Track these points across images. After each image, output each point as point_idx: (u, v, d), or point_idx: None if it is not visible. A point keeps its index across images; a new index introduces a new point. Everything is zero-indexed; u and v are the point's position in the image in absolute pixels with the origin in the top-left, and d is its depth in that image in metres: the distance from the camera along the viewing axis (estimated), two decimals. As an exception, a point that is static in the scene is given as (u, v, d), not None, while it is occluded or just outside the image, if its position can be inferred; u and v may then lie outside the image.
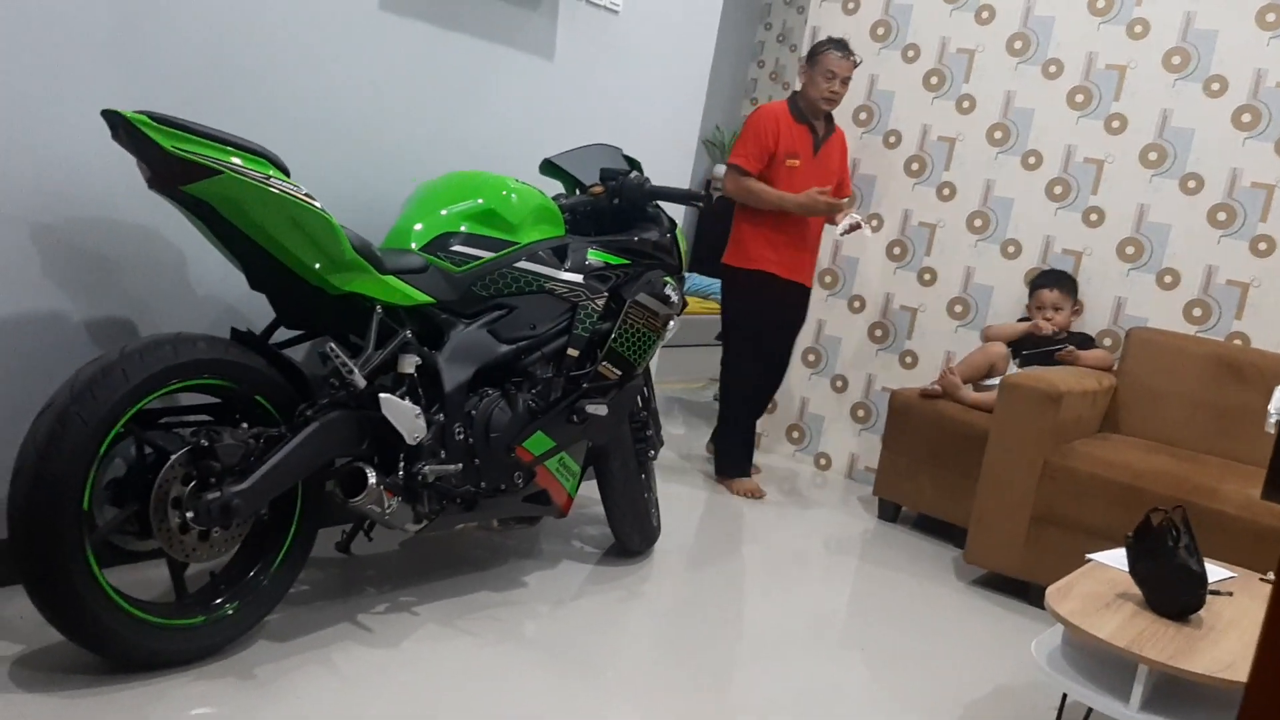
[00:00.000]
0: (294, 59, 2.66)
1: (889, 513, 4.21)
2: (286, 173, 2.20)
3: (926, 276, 4.48)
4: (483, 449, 2.60)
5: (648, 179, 3.03)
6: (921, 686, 2.76)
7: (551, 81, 3.34)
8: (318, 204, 2.20)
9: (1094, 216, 4.14)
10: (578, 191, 3.12)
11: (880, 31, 4.58)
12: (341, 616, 2.54)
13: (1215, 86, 3.89)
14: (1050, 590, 2.38)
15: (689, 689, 2.52)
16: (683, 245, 3.13)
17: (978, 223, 4.38)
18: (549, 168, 3.12)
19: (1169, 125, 3.98)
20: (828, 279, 4.73)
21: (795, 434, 4.87)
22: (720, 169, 4.39)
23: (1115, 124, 4.09)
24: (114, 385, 2.00)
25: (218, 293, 2.63)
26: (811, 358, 4.79)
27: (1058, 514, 3.43)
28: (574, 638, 2.66)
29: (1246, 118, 3.84)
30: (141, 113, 2.02)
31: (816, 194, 3.98)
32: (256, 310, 2.55)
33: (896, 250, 4.55)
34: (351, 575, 2.79)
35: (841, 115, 4.47)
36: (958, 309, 4.43)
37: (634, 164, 3.12)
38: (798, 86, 4.16)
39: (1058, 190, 4.21)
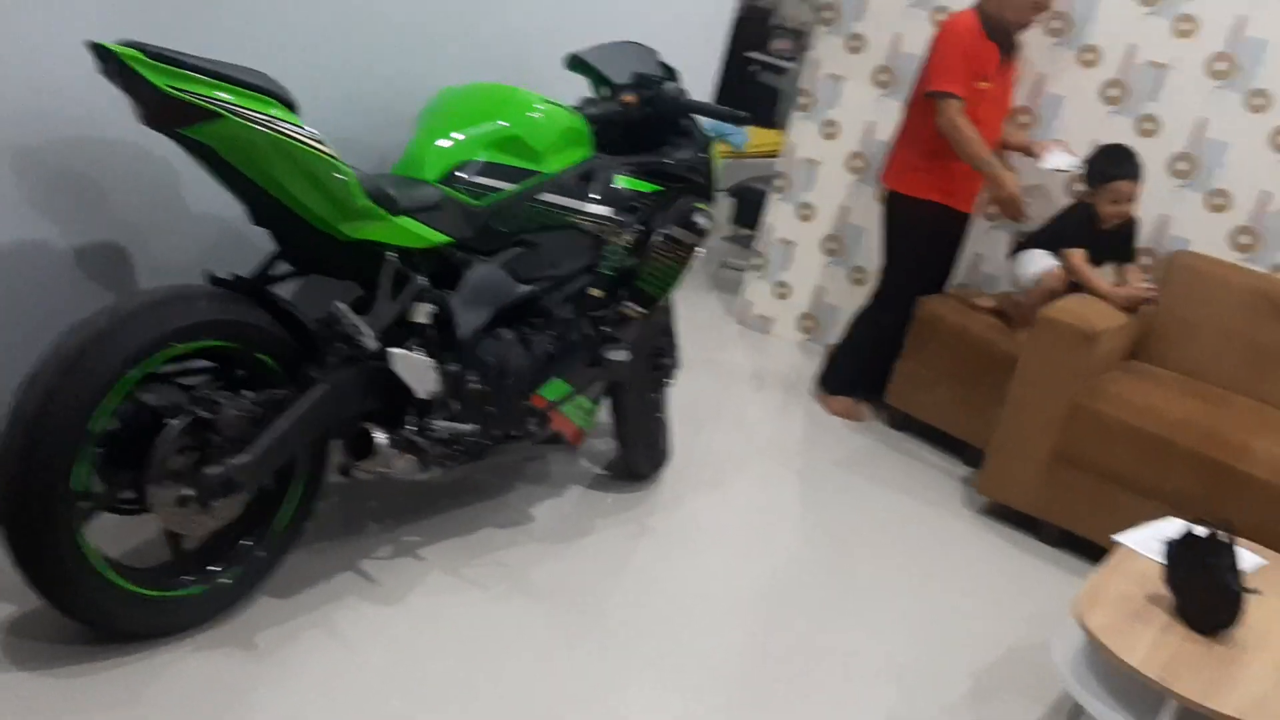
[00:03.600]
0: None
1: (899, 421, 4.11)
2: (294, 108, 1.96)
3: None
4: (496, 396, 2.45)
5: (684, 90, 2.77)
6: (929, 648, 2.72)
7: (582, -38, 3.01)
8: (327, 148, 1.97)
9: (1148, 125, 3.87)
10: (606, 91, 2.85)
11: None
12: (343, 564, 2.45)
13: None
14: (1078, 598, 2.29)
15: (696, 648, 2.47)
16: (717, 164, 2.89)
17: (1022, 117, 4.10)
18: (576, 64, 2.84)
19: (1243, 33, 3.67)
20: (858, 162, 4.47)
21: (807, 323, 4.71)
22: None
23: (1184, 26, 3.76)
24: (105, 355, 1.83)
25: (214, 211, 2.41)
26: (833, 246, 4.59)
27: (1080, 456, 3.34)
28: (583, 587, 2.59)
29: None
30: (133, 45, 1.76)
31: (1013, 193, 3.71)
32: (255, 233, 2.33)
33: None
34: (353, 506, 2.69)
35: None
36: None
37: (670, 71, 2.84)
38: None
39: (1113, 92, 3.92)
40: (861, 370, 4.08)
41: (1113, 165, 3.66)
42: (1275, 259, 3.73)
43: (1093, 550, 3.34)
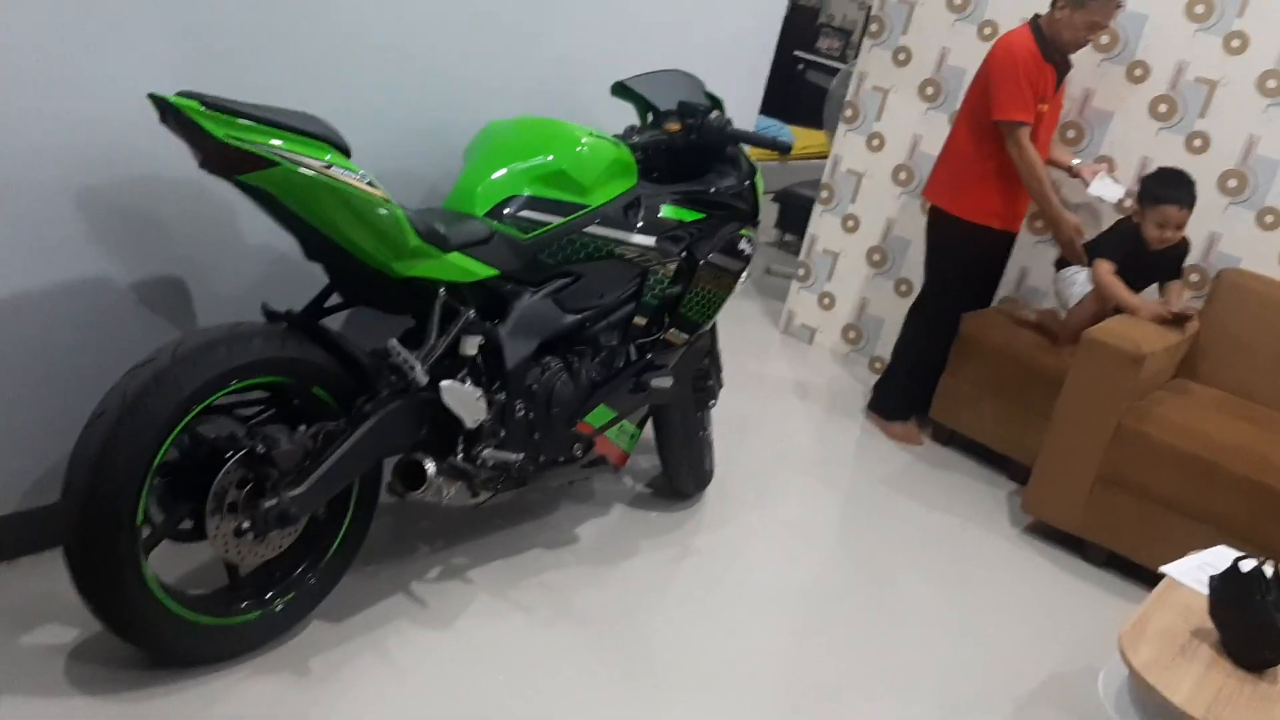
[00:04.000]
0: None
1: (944, 435, 4.11)
2: (347, 152, 2.02)
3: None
4: (543, 424, 2.49)
5: (729, 119, 2.79)
6: (973, 670, 2.73)
7: (628, -13, 3.04)
8: (380, 191, 2.02)
9: (1198, 142, 3.83)
10: (650, 117, 2.89)
11: (988, -92, 4.13)
12: (394, 586, 2.51)
13: None
14: (1124, 632, 2.29)
15: (740, 673, 2.50)
16: (760, 190, 2.91)
17: (1070, 133, 4.07)
18: (622, 91, 2.87)
19: (1298, 49, 3.63)
20: (903, 175, 4.46)
21: (852, 334, 4.72)
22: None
23: (1235, 43, 3.72)
24: (167, 395, 1.89)
25: (268, 244, 2.47)
26: (877, 257, 4.59)
27: (1126, 478, 3.32)
28: (627, 611, 2.63)
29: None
30: (190, 95, 1.82)
31: (1074, 232, 3.73)
32: (308, 266, 2.39)
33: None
34: (404, 526, 2.75)
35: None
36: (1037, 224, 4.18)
37: (715, 101, 2.86)
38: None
39: (1162, 109, 3.88)
40: (912, 391, 4.08)
41: (1164, 187, 3.61)
42: (1328, 277, 3.68)
43: (1139, 573, 3.34)
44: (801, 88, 8.78)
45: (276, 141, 1.88)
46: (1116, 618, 3.14)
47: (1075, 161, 3.92)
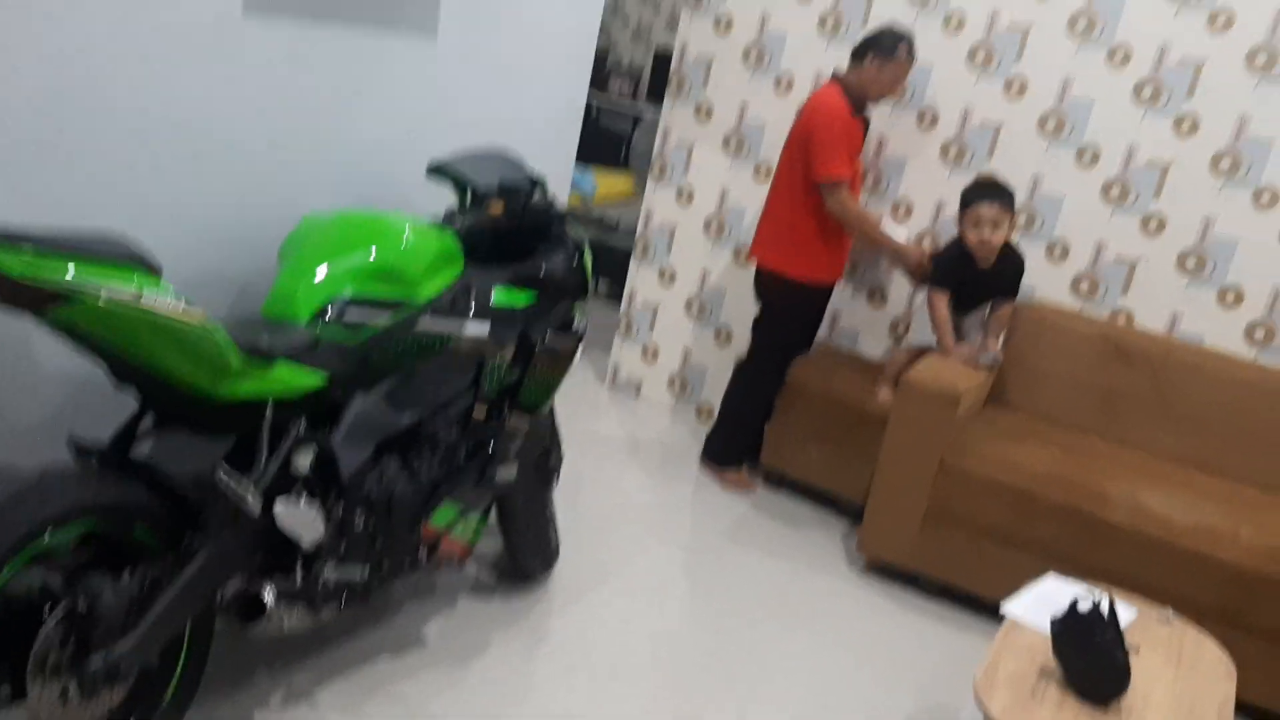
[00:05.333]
0: (147, 83, 2.24)
1: (775, 480, 4.18)
2: (158, 273, 1.87)
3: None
4: (385, 531, 2.38)
5: (554, 200, 2.75)
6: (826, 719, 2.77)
7: (435, 65, 2.96)
8: (198, 315, 1.88)
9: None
10: (469, 197, 2.82)
11: (775, -34, 4.26)
12: (234, 717, 2.34)
13: (1119, 56, 3.79)
14: (978, 681, 2.36)
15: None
16: (589, 265, 2.88)
17: (870, 179, 4.23)
18: (439, 172, 2.79)
19: (1070, 94, 3.88)
20: (714, 226, 4.54)
21: (677, 384, 4.75)
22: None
23: (1015, 86, 3.95)
24: (-32, 560, 1.70)
25: (71, 368, 2.27)
26: (695, 308, 4.64)
27: (952, 512, 3.46)
28: (487, 713, 2.53)
29: (1148, 91, 3.77)
30: (-25, 226, 1.65)
31: (920, 259, 3.86)
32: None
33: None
34: (238, 647, 2.56)
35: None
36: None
37: (537, 181, 2.82)
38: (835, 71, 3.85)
39: (953, 151, 4.08)
40: (743, 440, 4.13)
41: (971, 191, 3.71)
42: (1114, 304, 3.94)
43: (974, 603, 3.47)
44: (597, 131, 8.86)
45: (77, 272, 1.72)
46: (959, 651, 3.26)
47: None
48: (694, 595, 3.29)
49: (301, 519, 2.15)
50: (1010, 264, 3.81)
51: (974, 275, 3.77)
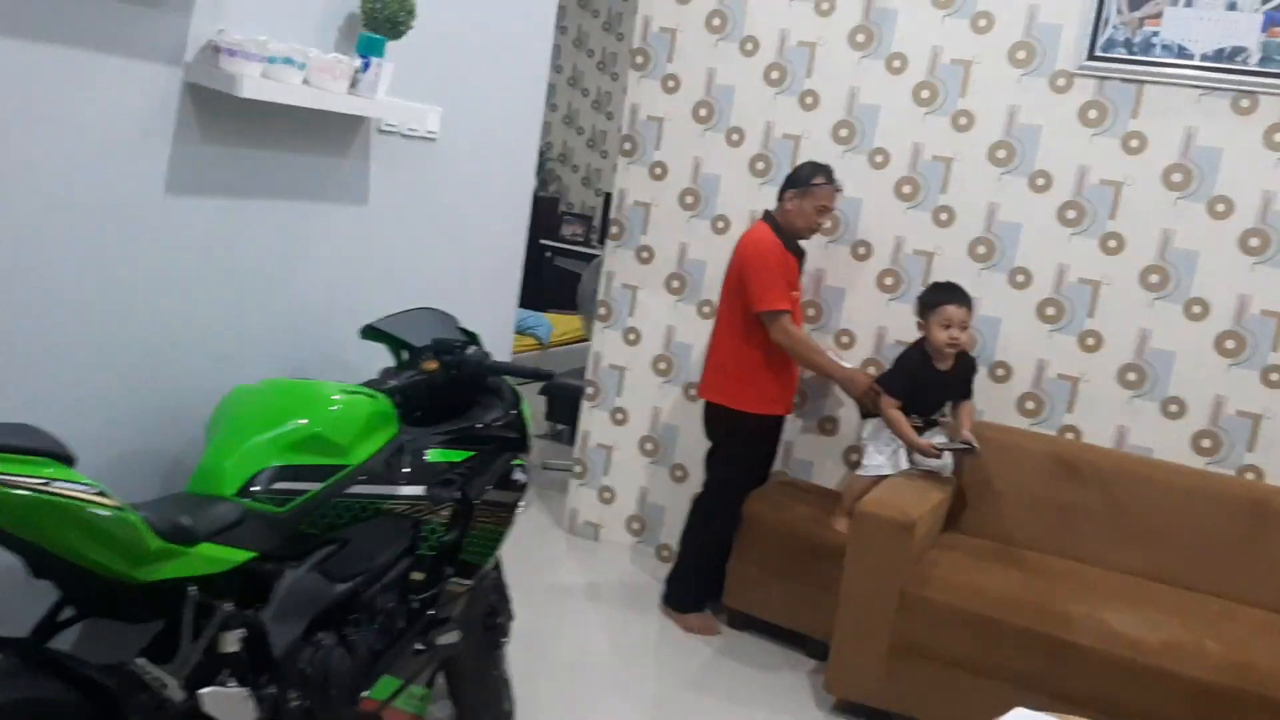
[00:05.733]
0: (63, 265, 2.24)
1: (739, 620, 4.10)
2: (70, 460, 1.83)
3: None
4: (322, 710, 2.29)
5: (488, 354, 2.76)
6: None
7: (367, 229, 3.00)
8: (111, 502, 1.83)
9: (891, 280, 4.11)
10: (404, 356, 2.82)
11: (704, 113, 4.39)
12: None
13: (1060, 82, 3.86)
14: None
15: None
16: (528, 417, 2.86)
17: (810, 310, 4.28)
18: (373, 334, 2.79)
19: (996, 220, 3.97)
20: (663, 365, 4.55)
21: (636, 525, 4.69)
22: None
23: (943, 216, 4.05)
24: None
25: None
26: (649, 447, 4.62)
27: (918, 644, 3.39)
28: None
29: (1072, 214, 3.87)
30: None
31: (868, 385, 3.84)
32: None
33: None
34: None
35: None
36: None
37: (471, 335, 2.83)
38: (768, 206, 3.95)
39: (888, 281, 4.15)
40: (703, 581, 4.07)
41: (937, 293, 3.76)
42: (1060, 421, 3.95)
43: (945, 738, 3.37)
44: (552, 275, 8.98)
45: (-17, 465, 1.69)
46: (933, 792, 3.15)
47: None
48: (658, 749, 3.18)
49: (230, 703, 2.07)
50: (965, 363, 3.84)
51: (933, 377, 3.79)
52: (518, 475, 2.75)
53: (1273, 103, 3.60)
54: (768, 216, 3.90)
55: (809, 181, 3.83)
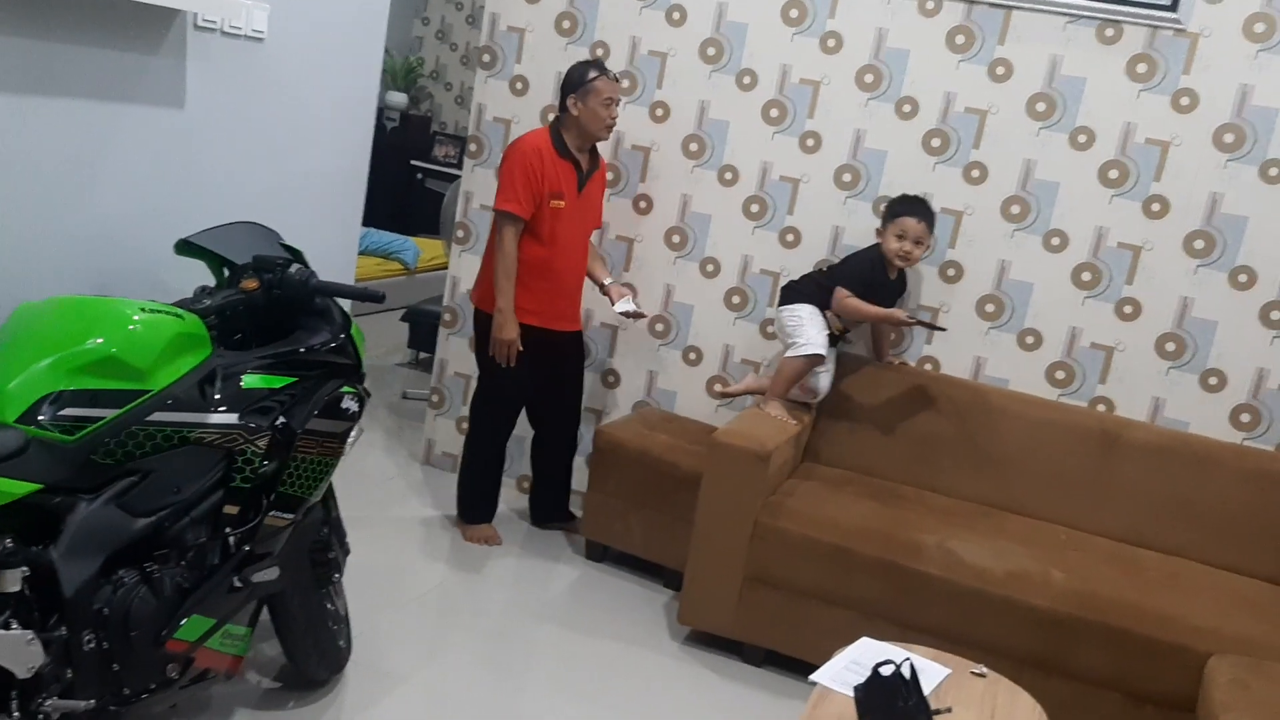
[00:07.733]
0: None
1: (597, 553, 4.02)
2: None
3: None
4: (123, 652, 2.12)
5: (313, 273, 2.56)
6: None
7: (185, 135, 2.75)
8: None
9: (790, 236, 4.03)
10: (225, 272, 2.61)
11: (566, 25, 4.20)
12: None
13: (929, 5, 3.83)
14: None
15: None
16: (360, 342, 2.69)
17: (675, 239, 4.17)
18: (188, 249, 2.58)
19: (861, 145, 3.90)
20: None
21: (494, 456, 4.56)
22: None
23: (810, 142, 3.95)
24: None
25: None
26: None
27: (770, 574, 3.35)
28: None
29: (936, 140, 3.82)
30: None
31: (510, 342, 3.74)
32: None
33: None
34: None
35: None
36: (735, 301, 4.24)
37: (295, 253, 2.63)
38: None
39: (755, 209, 4.06)
40: (483, 490, 4.05)
41: (901, 204, 3.71)
42: (920, 352, 3.94)
43: (800, 667, 3.35)
44: (422, 197, 8.67)
45: None
46: (782, 717, 3.14)
47: (608, 281, 4.00)
48: (501, 690, 3.08)
49: (10, 645, 1.89)
50: (903, 278, 3.82)
51: (882, 281, 3.74)
52: (348, 404, 2.58)
53: (1137, 32, 3.58)
54: (552, 123, 3.82)
55: (585, 80, 3.72)
